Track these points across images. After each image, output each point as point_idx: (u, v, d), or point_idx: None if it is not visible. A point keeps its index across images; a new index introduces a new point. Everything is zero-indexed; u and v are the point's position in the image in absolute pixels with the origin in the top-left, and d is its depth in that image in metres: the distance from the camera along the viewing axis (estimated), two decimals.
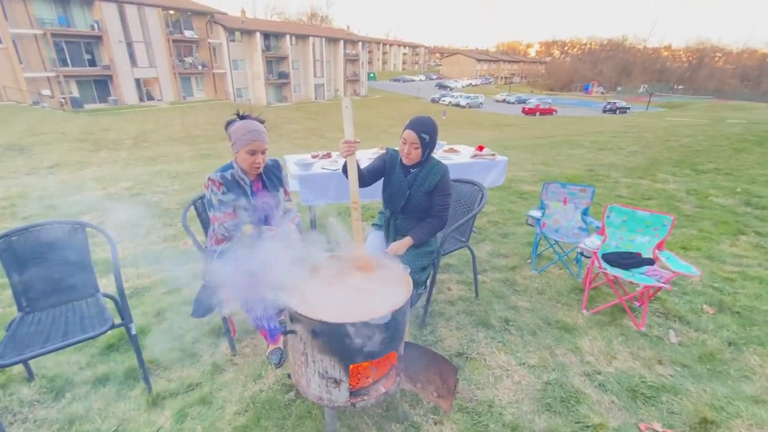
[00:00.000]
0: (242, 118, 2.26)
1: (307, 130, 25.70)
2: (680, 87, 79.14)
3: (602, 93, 75.52)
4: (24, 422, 1.88)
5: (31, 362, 2.13)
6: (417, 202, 2.43)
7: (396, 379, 1.74)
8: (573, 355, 2.38)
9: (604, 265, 2.74)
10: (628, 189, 6.02)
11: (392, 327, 1.60)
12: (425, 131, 2.30)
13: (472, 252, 2.87)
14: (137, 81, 32.51)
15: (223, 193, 2.25)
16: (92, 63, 30.20)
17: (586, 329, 2.63)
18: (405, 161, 2.39)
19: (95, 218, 4.55)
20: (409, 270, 1.89)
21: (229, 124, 2.27)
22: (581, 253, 3.31)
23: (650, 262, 2.76)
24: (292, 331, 1.62)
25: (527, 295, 3.04)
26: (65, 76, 28.65)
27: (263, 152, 2.28)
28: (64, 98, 28.57)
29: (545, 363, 2.31)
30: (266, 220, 2.45)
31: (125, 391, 2.08)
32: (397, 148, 2.54)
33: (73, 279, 2.18)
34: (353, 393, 1.64)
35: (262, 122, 2.31)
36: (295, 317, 1.57)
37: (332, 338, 1.52)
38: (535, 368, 2.27)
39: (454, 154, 4.29)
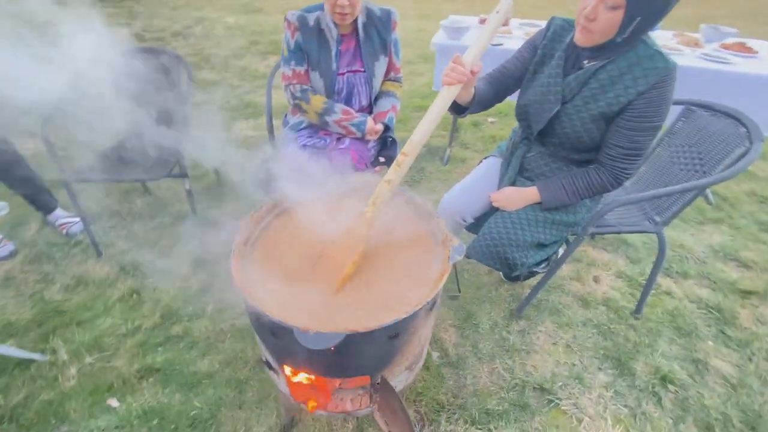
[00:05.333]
0: None
1: None
2: None
3: None
4: None
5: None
6: (575, 128, 1.29)
7: (371, 406, 1.09)
8: None
9: None
10: None
11: (355, 353, 0.89)
12: None
13: (662, 242, 1.58)
14: None
15: (297, 43, 1.64)
16: None
17: None
18: (579, 38, 1.19)
19: None
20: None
21: None
22: None
23: None
24: None
25: (746, 349, 1.63)
26: None
27: None
28: None
29: None
30: (348, 99, 1.77)
31: None
32: (567, 17, 1.31)
33: None
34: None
35: None
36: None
37: (258, 323, 0.94)
38: None
39: (740, 56, 2.34)
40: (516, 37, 2.66)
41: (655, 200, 1.66)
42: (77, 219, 2.08)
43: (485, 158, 1.74)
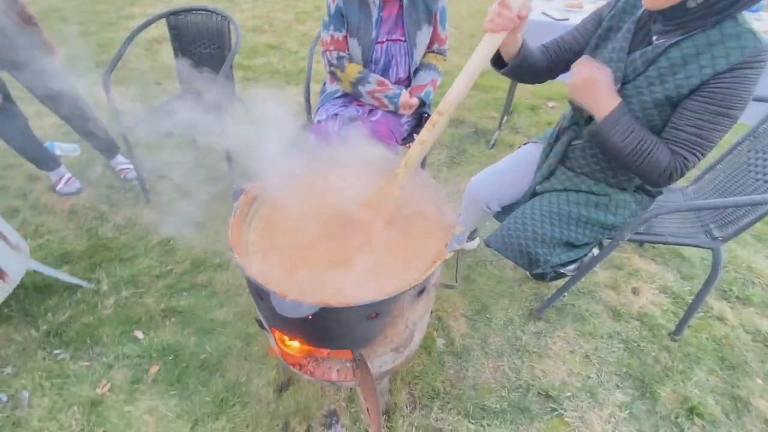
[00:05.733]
0: None
1: None
2: None
3: None
4: None
5: None
6: (633, 113, 1.10)
7: (354, 380, 1.10)
8: None
9: None
10: None
11: (333, 327, 0.88)
12: None
13: (717, 259, 1.38)
14: None
15: (338, 7, 1.60)
16: None
17: None
18: (647, 1, 1.01)
19: None
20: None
21: None
22: None
23: None
24: None
25: None
26: None
27: None
28: None
29: None
30: (385, 69, 1.71)
31: None
32: None
33: None
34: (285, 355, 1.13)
35: None
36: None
37: (248, 283, 0.96)
38: None
39: None
40: (586, 12, 2.38)
41: (717, 211, 1.44)
42: (133, 166, 2.27)
43: (525, 143, 1.61)
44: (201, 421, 1.33)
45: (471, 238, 1.92)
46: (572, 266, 1.55)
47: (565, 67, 1.30)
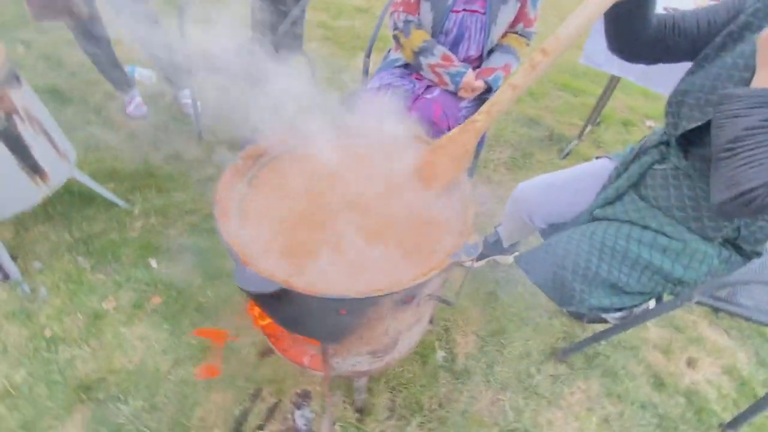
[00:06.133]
0: None
1: None
2: None
3: None
4: None
5: None
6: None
7: (326, 369, 0.99)
8: None
9: None
10: None
11: (297, 311, 0.78)
12: None
13: None
14: None
15: None
16: None
17: None
18: None
19: None
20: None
21: None
22: None
23: None
24: None
25: None
26: None
27: None
28: None
29: None
30: (455, 43, 1.53)
31: None
32: None
33: None
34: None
35: None
36: None
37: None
38: None
39: None
40: None
41: None
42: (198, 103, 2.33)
43: (598, 158, 1.35)
44: (181, 362, 1.33)
45: (509, 251, 1.70)
46: (618, 314, 1.30)
47: (668, 52, 1.00)
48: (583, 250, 1.09)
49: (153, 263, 1.60)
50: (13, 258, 1.51)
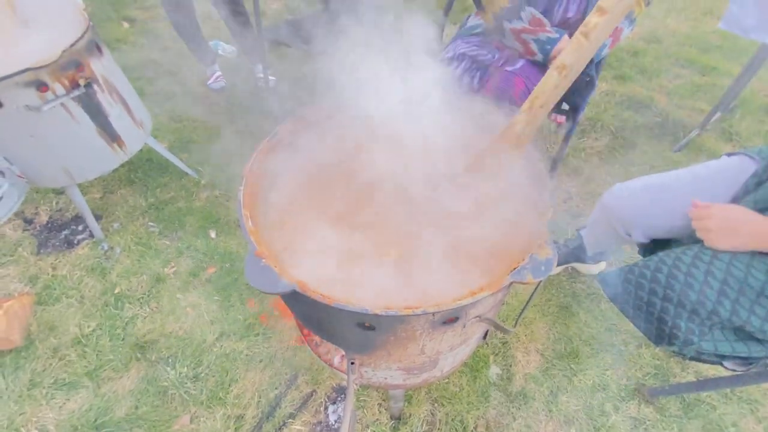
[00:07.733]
0: None
1: None
2: None
3: None
4: None
5: None
6: None
7: (349, 380, 0.89)
8: None
9: None
10: None
11: (315, 317, 0.66)
12: None
13: None
14: None
15: None
16: None
17: None
18: None
19: None
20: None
21: None
22: None
23: None
24: None
25: None
26: None
27: None
28: None
29: None
30: (551, 4, 1.28)
31: None
32: None
33: None
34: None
35: None
36: None
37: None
38: None
39: None
40: None
41: None
42: (272, 78, 2.34)
43: (730, 154, 1.03)
44: (226, 335, 1.34)
45: (592, 260, 1.43)
46: (736, 362, 1.00)
47: None
48: (696, 279, 0.82)
49: (212, 234, 1.64)
50: (98, 218, 1.65)
